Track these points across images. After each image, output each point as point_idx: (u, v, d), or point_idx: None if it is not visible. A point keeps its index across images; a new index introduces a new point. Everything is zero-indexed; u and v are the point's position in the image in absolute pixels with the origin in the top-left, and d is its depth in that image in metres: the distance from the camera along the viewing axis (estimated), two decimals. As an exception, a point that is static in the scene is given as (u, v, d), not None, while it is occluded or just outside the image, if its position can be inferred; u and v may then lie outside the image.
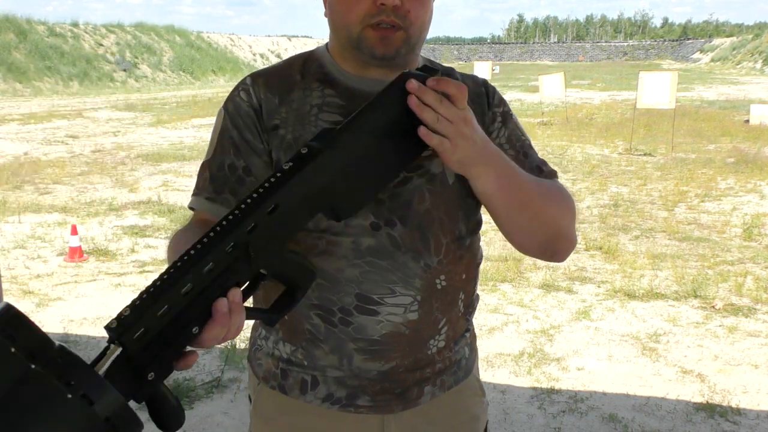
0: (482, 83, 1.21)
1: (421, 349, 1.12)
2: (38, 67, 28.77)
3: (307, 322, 1.10)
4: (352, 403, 1.12)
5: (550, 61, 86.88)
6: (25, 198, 7.88)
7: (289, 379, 1.15)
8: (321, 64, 1.14)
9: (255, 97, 1.11)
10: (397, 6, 1.03)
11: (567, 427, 3.02)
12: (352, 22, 1.05)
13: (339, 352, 1.10)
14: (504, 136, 1.17)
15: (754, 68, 48.07)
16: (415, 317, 1.09)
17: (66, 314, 4.30)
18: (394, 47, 1.05)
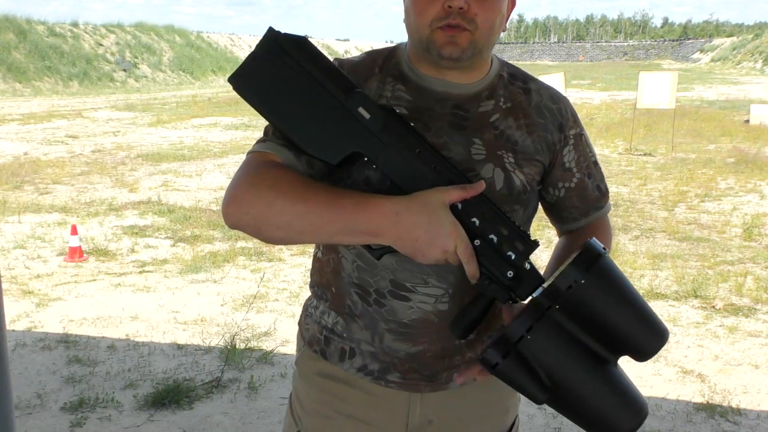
0: (559, 99, 1.24)
1: (449, 338, 1.16)
2: (38, 67, 28.77)
3: (348, 297, 1.19)
4: (383, 377, 1.19)
5: (550, 61, 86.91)
6: (25, 198, 7.88)
7: (330, 346, 1.23)
8: (398, 62, 1.20)
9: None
10: (463, 9, 1.07)
11: (567, 427, 3.02)
12: (422, 25, 1.10)
13: (372, 329, 1.18)
14: (573, 159, 1.24)
15: (754, 68, 48.09)
16: (445, 308, 1.14)
17: (66, 314, 4.30)
18: (460, 48, 1.10)
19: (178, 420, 3.05)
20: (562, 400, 0.99)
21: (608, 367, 0.99)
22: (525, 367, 0.97)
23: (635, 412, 0.99)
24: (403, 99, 1.15)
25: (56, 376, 3.44)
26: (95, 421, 3.02)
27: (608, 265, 0.98)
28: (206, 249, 5.77)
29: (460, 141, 1.13)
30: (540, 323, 0.97)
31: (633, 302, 0.99)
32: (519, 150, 1.16)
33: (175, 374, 3.46)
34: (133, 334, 4.00)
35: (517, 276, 1.02)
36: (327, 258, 1.21)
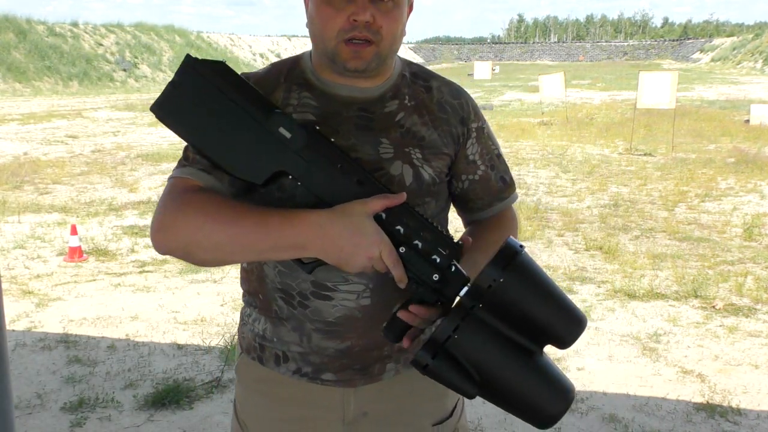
0: (460, 94, 1.28)
1: (375, 331, 1.18)
2: (38, 67, 28.77)
3: (274, 303, 1.22)
4: (318, 377, 1.23)
5: (550, 60, 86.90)
6: (25, 198, 7.88)
7: (265, 352, 1.26)
8: (302, 70, 1.23)
9: None
10: (369, 22, 1.10)
11: (567, 427, 3.02)
12: (327, 37, 1.13)
13: (299, 330, 1.21)
14: (476, 152, 1.28)
15: (754, 68, 48.08)
16: (368, 303, 1.18)
17: (66, 314, 4.30)
18: (365, 61, 1.14)
19: (178, 420, 3.05)
20: (492, 392, 1.04)
21: (533, 357, 1.05)
22: (455, 366, 1.02)
23: (562, 397, 1.06)
24: (310, 105, 1.18)
25: (56, 376, 3.44)
26: (95, 421, 3.02)
27: (525, 261, 1.03)
28: (206, 249, 5.77)
29: (367, 141, 1.17)
30: (465, 322, 1.01)
31: (550, 295, 1.04)
32: (426, 145, 1.21)
33: (175, 374, 3.46)
34: (133, 334, 4.00)
35: (443, 278, 1.07)
36: (251, 267, 1.25)
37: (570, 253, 5.82)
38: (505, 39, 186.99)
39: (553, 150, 11.87)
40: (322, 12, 1.12)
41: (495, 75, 40.42)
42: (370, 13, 1.09)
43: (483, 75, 35.90)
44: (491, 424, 3.04)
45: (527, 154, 11.54)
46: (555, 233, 6.46)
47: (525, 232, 6.38)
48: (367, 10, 1.09)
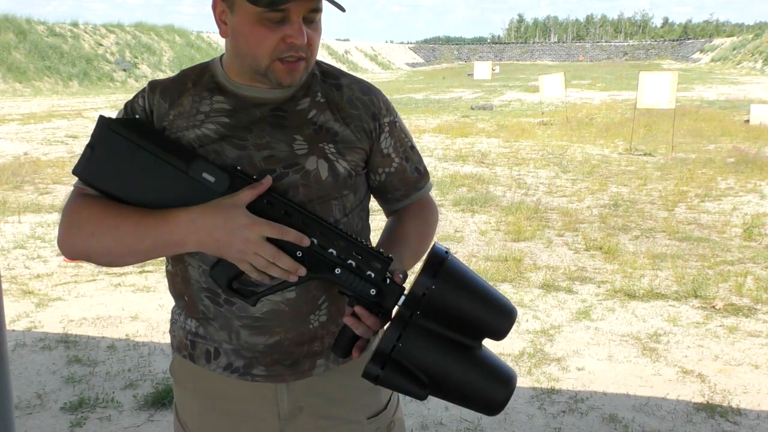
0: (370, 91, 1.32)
1: (302, 323, 1.22)
2: (38, 67, 28.77)
3: (200, 303, 1.24)
4: (249, 372, 1.24)
5: (550, 61, 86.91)
6: (25, 198, 7.88)
7: (196, 349, 1.28)
8: (213, 75, 1.25)
9: (148, 103, 1.23)
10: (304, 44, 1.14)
11: (567, 427, 3.02)
12: (261, 56, 1.15)
13: (227, 328, 1.23)
14: (390, 146, 1.32)
15: (754, 68, 48.08)
16: (293, 296, 1.20)
17: (66, 314, 4.30)
18: (298, 76, 1.18)
19: (178, 420, 3.05)
20: (440, 390, 1.11)
21: (473, 352, 1.13)
22: (403, 372, 1.09)
23: (504, 384, 1.12)
24: (224, 109, 1.21)
25: (56, 376, 3.44)
26: (95, 421, 3.02)
27: (452, 266, 1.11)
28: (206, 249, 5.78)
29: (281, 139, 1.19)
30: (407, 331, 1.08)
31: (479, 292, 1.12)
32: (339, 140, 1.23)
33: (175, 374, 3.46)
34: (133, 334, 4.00)
35: (379, 292, 1.13)
36: (175, 269, 1.27)
37: (570, 253, 5.82)
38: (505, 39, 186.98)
39: (552, 150, 11.87)
40: (255, 31, 1.13)
41: (495, 75, 40.40)
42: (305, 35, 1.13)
43: (483, 75, 35.91)
44: (491, 424, 3.04)
45: (527, 154, 11.54)
46: (555, 233, 6.46)
47: (525, 232, 6.39)
48: (303, 32, 1.13)
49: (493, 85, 33.08)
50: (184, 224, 1.09)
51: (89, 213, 1.14)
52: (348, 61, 58.36)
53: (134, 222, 1.11)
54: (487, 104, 20.74)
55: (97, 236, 1.13)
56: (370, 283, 1.13)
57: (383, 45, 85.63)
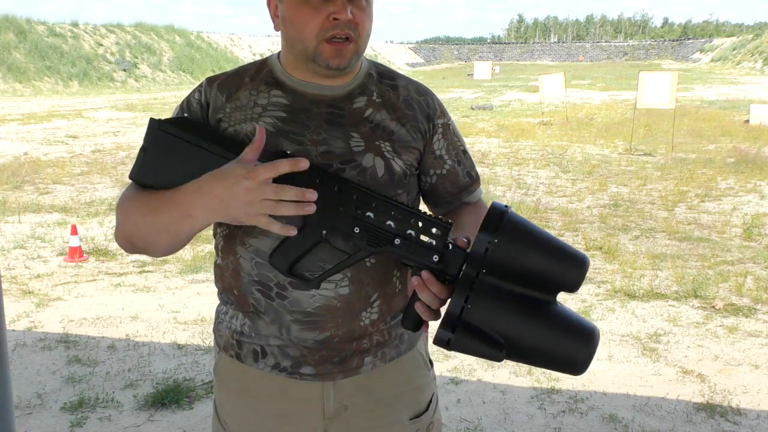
0: (426, 92, 1.32)
1: (353, 320, 1.22)
2: (38, 67, 28.77)
3: (250, 296, 1.23)
4: (297, 371, 1.24)
5: (550, 61, 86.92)
6: (25, 198, 7.88)
7: (243, 348, 1.27)
8: (271, 71, 1.26)
9: (205, 96, 1.24)
10: (349, 19, 1.14)
11: (567, 427, 3.02)
12: (307, 37, 1.15)
13: (278, 322, 1.22)
14: (443, 147, 1.32)
15: (754, 68, 48.08)
16: (346, 292, 1.20)
17: (66, 314, 4.30)
18: (347, 59, 1.17)
19: (178, 420, 3.05)
20: (517, 350, 1.06)
21: (549, 307, 1.08)
22: (476, 334, 1.05)
23: (586, 340, 1.06)
24: (281, 104, 1.21)
25: (56, 376, 3.44)
26: (95, 421, 3.02)
27: (513, 218, 1.07)
28: (206, 249, 5.77)
29: (338, 136, 1.20)
30: (474, 290, 1.05)
31: (546, 243, 1.08)
32: (395, 139, 1.24)
33: (175, 374, 3.46)
34: (133, 334, 4.00)
35: (442, 258, 1.10)
36: (226, 262, 1.25)
37: (570, 253, 5.81)
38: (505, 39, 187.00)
39: (553, 150, 11.87)
40: (301, 12, 1.14)
41: (495, 75, 40.39)
42: (350, 11, 1.13)
43: (483, 75, 35.90)
44: (491, 424, 3.04)
45: (527, 154, 11.54)
46: (555, 233, 6.46)
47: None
48: (346, 7, 1.13)
49: (493, 85, 33.08)
50: (191, 192, 1.09)
51: (129, 202, 1.17)
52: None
53: (158, 198, 1.13)
54: (487, 104, 20.74)
55: (132, 216, 1.16)
56: (431, 251, 1.10)
57: (383, 45, 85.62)
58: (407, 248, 1.10)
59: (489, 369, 3.58)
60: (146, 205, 1.14)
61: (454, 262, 1.09)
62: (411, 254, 1.10)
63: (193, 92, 1.26)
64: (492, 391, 3.34)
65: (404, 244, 1.10)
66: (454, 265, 1.09)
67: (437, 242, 1.10)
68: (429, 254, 1.10)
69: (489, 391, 3.35)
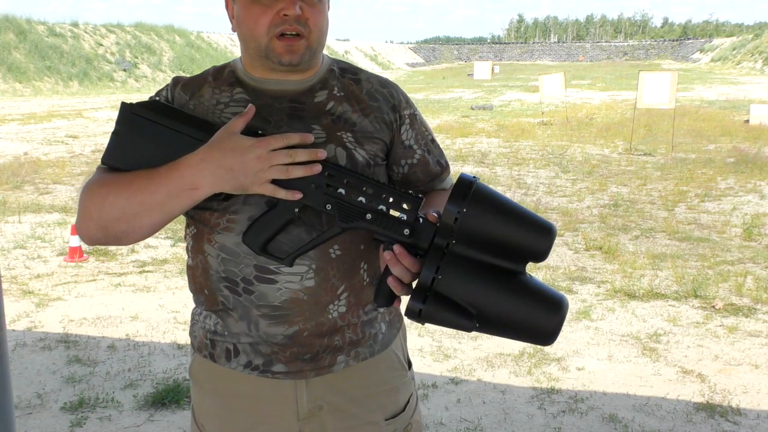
0: (389, 84, 1.33)
1: (321, 313, 1.22)
2: (38, 67, 28.77)
3: (219, 294, 1.24)
4: (269, 370, 1.24)
5: (550, 61, 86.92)
6: (25, 198, 7.88)
7: (216, 348, 1.28)
8: (233, 71, 1.29)
9: (170, 95, 1.27)
10: (298, 15, 1.16)
11: (567, 427, 3.02)
12: (259, 34, 1.18)
13: (246, 318, 1.22)
14: (412, 137, 1.33)
15: (754, 68, 48.08)
16: (312, 284, 1.20)
17: (66, 314, 4.30)
18: (298, 54, 1.19)
19: (178, 420, 3.05)
20: (487, 321, 1.07)
21: (518, 277, 1.10)
22: (446, 304, 1.06)
23: (554, 310, 1.08)
24: (243, 99, 1.23)
25: (56, 376, 3.44)
26: (95, 421, 3.02)
27: (481, 188, 1.08)
28: (206, 249, 5.78)
29: (299, 128, 1.20)
30: (444, 261, 1.06)
31: (514, 213, 1.09)
32: (358, 130, 1.25)
33: (175, 374, 3.46)
34: (133, 334, 4.00)
35: (413, 231, 1.11)
36: (195, 262, 1.26)
37: (570, 253, 5.82)
38: (505, 39, 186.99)
39: (552, 150, 11.87)
40: (252, 11, 1.17)
41: (495, 75, 40.37)
42: (299, 6, 1.16)
43: (483, 75, 35.90)
44: (491, 424, 3.04)
45: (527, 154, 11.54)
46: (555, 233, 6.45)
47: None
48: (295, 4, 1.15)
49: (493, 85, 33.08)
50: (194, 164, 1.11)
51: (100, 183, 1.16)
52: (348, 61, 58.28)
53: (145, 176, 1.13)
54: (487, 104, 20.74)
55: (110, 199, 1.14)
56: (402, 224, 1.11)
57: (383, 45, 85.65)
58: (379, 223, 1.11)
59: (489, 369, 3.58)
60: (129, 185, 1.13)
61: (425, 236, 1.10)
62: (383, 228, 1.11)
63: (160, 91, 1.29)
64: (492, 391, 3.34)
65: (376, 219, 1.11)
66: (425, 238, 1.10)
67: (408, 216, 1.11)
68: (400, 228, 1.11)
69: (489, 391, 3.35)
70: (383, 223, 1.11)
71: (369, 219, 1.11)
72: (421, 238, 1.10)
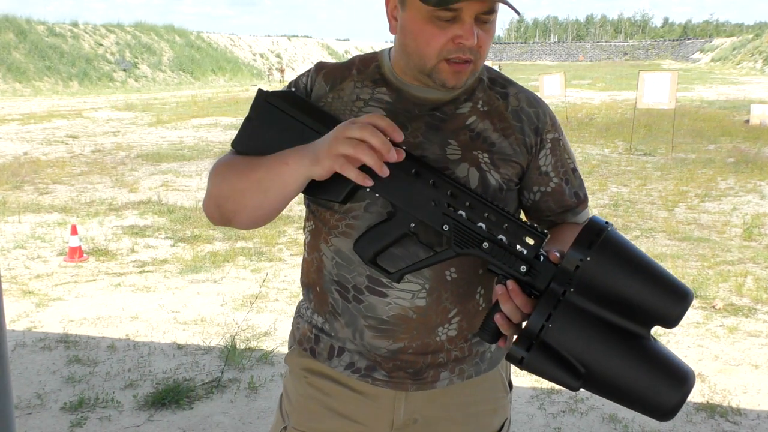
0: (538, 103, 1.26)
1: (428, 334, 1.18)
2: (38, 67, 28.77)
3: (330, 296, 1.22)
4: (370, 375, 1.21)
5: (550, 61, 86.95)
6: (25, 198, 7.88)
7: (320, 344, 1.26)
8: (379, 66, 1.23)
9: (311, 81, 1.23)
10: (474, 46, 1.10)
11: (567, 427, 3.02)
12: (428, 55, 1.11)
13: (352, 326, 1.20)
14: (550, 164, 1.24)
15: (754, 68, 48.09)
16: (423, 304, 1.16)
17: (66, 314, 4.30)
18: (463, 80, 1.14)
19: (178, 420, 3.05)
20: (597, 382, 0.97)
21: (640, 341, 0.97)
22: (553, 356, 0.97)
23: (678, 384, 0.96)
24: (383, 100, 1.19)
25: (56, 376, 3.44)
26: (95, 421, 3.02)
27: (612, 236, 0.98)
28: (206, 249, 5.77)
29: (435, 141, 1.16)
30: (558, 309, 0.97)
31: (645, 269, 0.97)
32: (495, 151, 1.18)
33: (175, 374, 3.46)
34: (133, 334, 4.00)
35: (531, 270, 1.03)
36: (311, 258, 1.25)
37: (570, 253, 5.81)
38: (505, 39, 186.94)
39: (553, 150, 11.87)
40: (425, 30, 1.09)
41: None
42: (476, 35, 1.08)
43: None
44: (491, 424, 3.04)
45: (527, 154, 11.53)
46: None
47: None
48: (474, 32, 1.07)
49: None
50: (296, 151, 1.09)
51: (226, 162, 1.18)
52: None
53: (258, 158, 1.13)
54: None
55: (227, 177, 1.16)
56: (521, 260, 1.02)
57: (383, 45, 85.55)
58: (495, 253, 1.03)
59: (489, 369, 3.57)
60: (244, 165, 1.14)
61: (544, 276, 1.02)
62: (498, 260, 1.03)
63: (302, 75, 1.25)
64: (492, 391, 3.34)
65: (493, 249, 1.04)
66: (543, 278, 1.02)
67: (528, 252, 1.03)
68: (517, 263, 1.03)
69: (489, 391, 3.35)
70: (500, 254, 1.03)
71: (485, 248, 1.03)
72: (539, 277, 1.02)
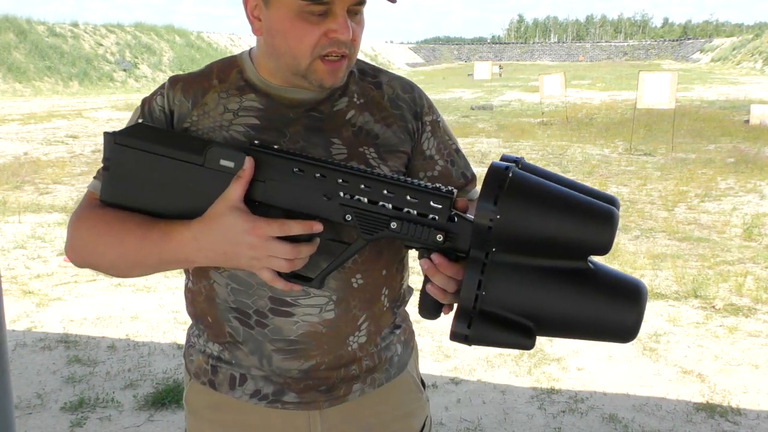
0: (412, 88, 1.21)
1: (340, 346, 1.13)
2: (38, 67, 28.76)
3: (227, 324, 1.13)
4: (279, 399, 1.14)
5: (550, 61, 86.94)
6: (25, 198, 7.88)
7: (218, 375, 1.17)
8: (241, 71, 1.14)
9: (168, 102, 1.12)
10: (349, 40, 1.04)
11: (567, 427, 3.02)
12: (301, 54, 1.04)
13: (258, 353, 1.12)
14: (433, 147, 1.19)
15: (754, 68, 48.06)
16: (332, 316, 1.11)
17: (66, 314, 4.30)
18: (340, 77, 1.08)
19: (178, 420, 3.05)
20: (551, 328, 0.93)
21: (580, 274, 0.91)
22: (497, 323, 0.91)
23: (631, 301, 0.91)
24: (254, 108, 1.11)
25: (56, 376, 3.44)
26: (95, 421, 3.02)
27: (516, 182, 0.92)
28: (206, 249, 5.77)
29: (318, 143, 1.10)
30: (486, 274, 0.91)
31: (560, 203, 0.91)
32: (381, 143, 1.13)
33: (175, 374, 3.46)
34: (133, 334, 4.00)
35: (448, 235, 0.96)
36: (198, 287, 1.15)
37: (570, 253, 5.81)
38: (505, 39, 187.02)
39: (553, 150, 11.87)
40: (295, 27, 1.02)
41: (495, 75, 40.35)
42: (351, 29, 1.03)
43: (483, 75, 35.89)
44: (491, 424, 3.04)
45: (527, 154, 11.54)
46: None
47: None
48: (349, 27, 1.02)
49: (493, 85, 33.07)
50: (187, 242, 1.00)
51: (93, 226, 1.06)
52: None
53: (138, 237, 1.02)
54: (487, 104, 20.73)
55: (100, 251, 1.06)
56: (435, 228, 0.95)
57: (383, 45, 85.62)
58: (407, 230, 0.96)
59: (489, 369, 3.58)
60: (121, 243, 1.03)
61: (463, 237, 0.95)
62: (412, 236, 0.96)
63: (155, 95, 1.14)
64: (492, 391, 3.34)
65: (403, 226, 0.96)
66: (463, 239, 0.95)
67: (440, 217, 0.95)
68: (433, 234, 0.95)
69: (489, 391, 3.35)
70: (412, 229, 0.96)
71: (394, 228, 0.96)
72: (459, 240, 0.95)
